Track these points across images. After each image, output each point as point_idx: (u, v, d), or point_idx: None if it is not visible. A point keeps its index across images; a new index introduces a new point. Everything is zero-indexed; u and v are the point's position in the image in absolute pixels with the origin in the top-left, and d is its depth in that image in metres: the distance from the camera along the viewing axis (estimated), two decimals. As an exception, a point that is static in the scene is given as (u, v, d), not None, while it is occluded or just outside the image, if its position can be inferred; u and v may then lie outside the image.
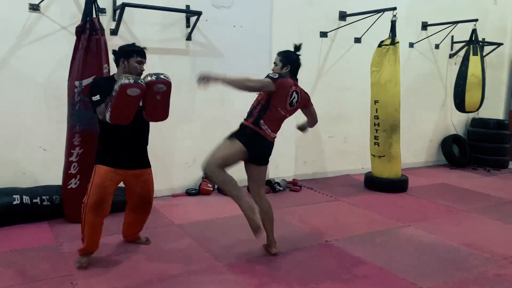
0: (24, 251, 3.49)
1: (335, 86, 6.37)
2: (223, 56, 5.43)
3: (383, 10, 5.75)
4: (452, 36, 7.34)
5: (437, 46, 7.29)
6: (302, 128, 3.96)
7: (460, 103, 6.59)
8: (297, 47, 3.57)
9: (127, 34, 4.80)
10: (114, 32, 4.69)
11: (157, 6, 4.71)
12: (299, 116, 4.00)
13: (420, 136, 7.42)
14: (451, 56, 7.51)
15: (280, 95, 3.37)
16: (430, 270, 3.36)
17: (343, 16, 6.24)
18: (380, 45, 5.61)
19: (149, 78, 3.02)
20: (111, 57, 3.42)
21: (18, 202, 4.00)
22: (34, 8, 4.32)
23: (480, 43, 6.59)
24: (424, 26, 7.07)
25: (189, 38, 5.16)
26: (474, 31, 6.45)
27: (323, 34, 6.18)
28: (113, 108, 2.95)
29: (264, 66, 5.70)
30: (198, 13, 4.94)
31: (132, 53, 3.18)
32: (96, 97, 3.10)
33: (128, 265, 3.32)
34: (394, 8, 5.48)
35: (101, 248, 3.58)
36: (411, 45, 7.00)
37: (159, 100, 3.14)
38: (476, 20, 6.42)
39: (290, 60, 3.50)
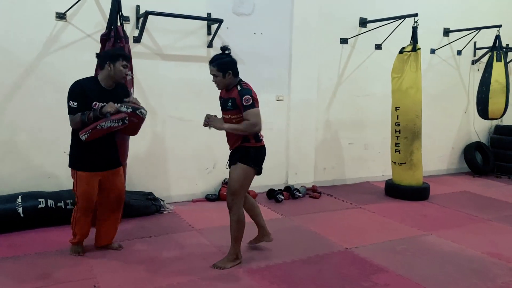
0: (48, 254, 3.58)
1: (355, 93, 6.36)
2: (243, 63, 5.44)
3: (404, 17, 5.71)
4: (475, 42, 7.24)
5: (459, 52, 7.20)
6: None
7: (483, 110, 6.47)
8: (224, 48, 3.38)
9: (150, 42, 4.89)
10: (137, 40, 4.78)
11: (179, 14, 4.78)
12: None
13: (442, 143, 7.33)
14: (473, 62, 7.40)
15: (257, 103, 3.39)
16: (453, 280, 3.31)
17: (363, 22, 6.23)
18: (401, 52, 5.58)
19: (124, 109, 3.24)
20: (134, 64, 3.51)
21: (43, 206, 4.11)
22: (61, 16, 4.45)
23: (504, 49, 6.48)
24: (446, 32, 7.00)
25: (210, 45, 5.23)
26: (497, 37, 6.34)
27: (344, 41, 6.17)
28: (92, 136, 3.16)
29: (283, 72, 5.76)
30: (219, 21, 5.01)
31: (119, 57, 3.29)
32: (74, 104, 3.21)
33: (149, 269, 3.36)
34: (416, 15, 5.44)
35: (122, 252, 3.65)
36: (433, 51, 6.93)
37: (129, 126, 3.35)
38: (500, 26, 6.32)
39: (228, 65, 3.30)
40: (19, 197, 4.08)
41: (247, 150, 3.38)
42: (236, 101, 3.28)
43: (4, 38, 4.27)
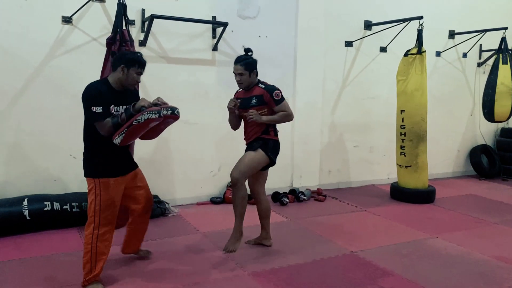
0: (54, 256, 3.59)
1: (360, 96, 6.35)
2: (248, 66, 5.47)
3: (409, 19, 5.70)
4: (481, 45, 7.22)
5: (464, 55, 7.18)
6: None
7: (489, 113, 6.45)
8: (248, 49, 3.68)
9: (155, 45, 4.91)
10: (142, 43, 4.80)
11: (184, 18, 4.80)
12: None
13: (448, 146, 7.30)
14: (479, 65, 7.38)
15: None
16: (459, 283, 3.29)
17: (368, 25, 6.22)
18: (406, 54, 5.57)
19: (165, 112, 3.00)
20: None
21: (49, 208, 4.13)
22: (67, 20, 4.48)
23: (510, 52, 6.45)
24: (451, 34, 6.98)
25: (215, 48, 5.24)
26: (503, 39, 6.32)
27: (348, 44, 6.17)
28: (128, 135, 2.93)
29: (288, 75, 5.76)
30: (224, 24, 5.02)
31: (135, 63, 3.04)
32: (99, 109, 2.91)
33: (155, 272, 3.37)
34: (421, 17, 5.43)
35: (129, 255, 3.65)
36: (438, 54, 6.91)
37: (161, 128, 3.26)
38: (506, 28, 6.30)
39: (254, 65, 3.61)
40: (25, 199, 4.11)
41: (267, 141, 3.62)
42: (264, 97, 3.57)
43: (11, 42, 4.30)
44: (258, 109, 3.56)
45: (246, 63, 3.57)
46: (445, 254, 3.87)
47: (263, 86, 3.60)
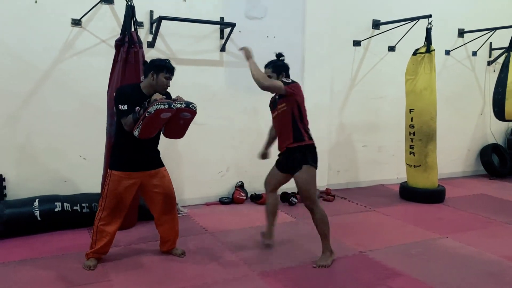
0: (64, 256, 3.63)
1: (369, 95, 6.32)
2: (256, 66, 5.47)
3: (418, 18, 5.67)
4: (490, 43, 7.15)
5: (474, 53, 7.12)
6: (265, 155, 4.03)
7: (499, 111, 6.37)
8: (279, 54, 3.71)
9: (164, 46, 4.94)
10: (151, 44, 4.83)
11: (192, 19, 4.82)
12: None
13: (458, 145, 7.24)
14: (489, 63, 7.31)
15: (301, 96, 3.58)
16: (469, 284, 3.27)
17: (376, 24, 6.20)
18: (415, 53, 5.54)
19: (178, 105, 3.25)
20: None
21: (60, 209, 4.17)
22: (76, 23, 4.52)
23: (521, 50, 6.40)
24: (461, 33, 6.92)
25: (223, 49, 5.26)
26: (513, 37, 6.27)
27: (357, 43, 6.15)
28: (144, 127, 3.14)
29: (296, 75, 5.73)
30: (232, 25, 5.03)
31: (163, 69, 3.30)
32: (124, 107, 3.22)
33: (164, 272, 3.38)
34: (430, 16, 5.40)
35: (138, 255, 3.68)
36: (447, 52, 6.86)
37: (181, 124, 3.40)
38: (516, 26, 6.25)
39: (281, 67, 3.61)
40: (36, 200, 4.15)
41: (304, 151, 3.57)
42: None
43: (21, 45, 4.35)
44: (280, 102, 3.54)
45: (274, 66, 3.60)
46: (455, 254, 3.84)
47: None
